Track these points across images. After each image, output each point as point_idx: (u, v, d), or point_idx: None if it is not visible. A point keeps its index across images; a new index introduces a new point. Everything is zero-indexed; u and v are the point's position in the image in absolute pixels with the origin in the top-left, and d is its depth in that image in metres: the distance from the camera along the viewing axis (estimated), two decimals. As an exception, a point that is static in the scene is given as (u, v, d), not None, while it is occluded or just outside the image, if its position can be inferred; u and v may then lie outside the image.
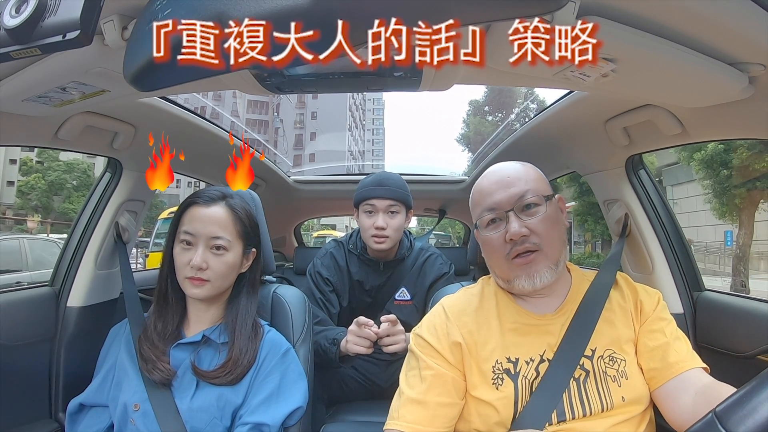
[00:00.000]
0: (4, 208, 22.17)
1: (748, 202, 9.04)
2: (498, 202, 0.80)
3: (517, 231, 0.77)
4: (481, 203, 0.83)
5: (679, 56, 0.67)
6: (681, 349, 0.78)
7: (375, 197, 1.43)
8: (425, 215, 2.87)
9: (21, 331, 1.14)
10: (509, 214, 0.79)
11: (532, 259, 0.78)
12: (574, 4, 0.58)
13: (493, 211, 0.81)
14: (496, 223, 0.81)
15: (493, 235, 0.80)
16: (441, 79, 0.86)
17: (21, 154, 23.80)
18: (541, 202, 0.79)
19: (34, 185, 21.13)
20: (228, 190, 0.96)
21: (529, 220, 0.78)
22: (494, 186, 0.82)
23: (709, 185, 9.35)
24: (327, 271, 1.50)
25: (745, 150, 8.40)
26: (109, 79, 0.79)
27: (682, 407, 0.72)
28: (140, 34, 0.53)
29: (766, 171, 8.42)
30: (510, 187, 0.80)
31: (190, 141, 1.39)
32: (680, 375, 0.75)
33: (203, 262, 0.89)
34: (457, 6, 0.47)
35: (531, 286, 0.78)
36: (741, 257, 9.33)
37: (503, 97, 25.25)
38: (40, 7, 0.51)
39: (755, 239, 9.65)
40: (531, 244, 0.78)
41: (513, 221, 0.78)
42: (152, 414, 0.85)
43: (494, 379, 0.78)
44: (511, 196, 0.79)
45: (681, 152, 9.74)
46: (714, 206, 9.48)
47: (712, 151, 8.71)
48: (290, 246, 2.84)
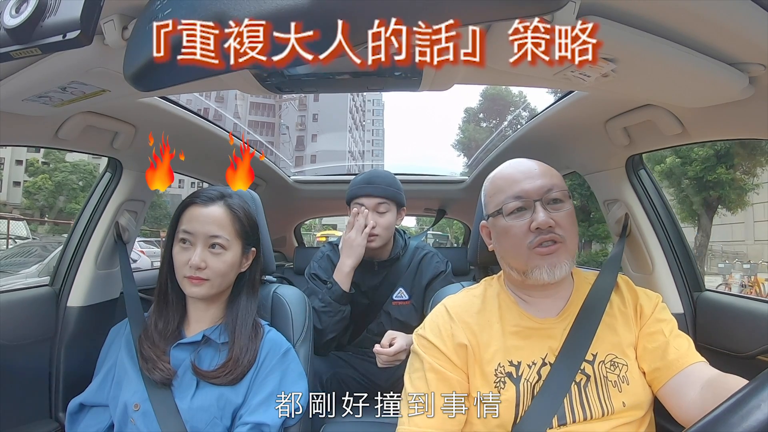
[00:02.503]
0: (11, 208, 22.33)
1: (705, 208, 10.74)
2: (526, 191, 0.80)
3: (545, 220, 0.77)
4: (506, 190, 0.82)
5: (680, 56, 0.67)
6: (681, 346, 0.78)
7: (363, 195, 1.43)
8: (425, 215, 2.87)
9: (21, 330, 1.14)
10: (536, 204, 0.79)
11: (555, 249, 0.78)
12: (574, 4, 0.58)
13: (519, 199, 0.80)
14: (522, 212, 0.80)
15: (517, 223, 0.80)
16: (441, 79, 0.86)
17: (27, 155, 23.98)
18: (565, 198, 0.80)
19: (41, 186, 21.36)
20: (227, 189, 0.96)
21: (555, 213, 0.78)
22: (521, 175, 0.82)
23: (673, 193, 10.72)
24: (324, 273, 1.50)
25: (699, 164, 9.96)
26: (109, 79, 0.79)
27: (689, 402, 0.72)
28: (140, 34, 0.53)
29: (717, 181, 10.16)
30: (538, 178, 0.81)
31: (190, 141, 1.39)
32: (683, 370, 0.75)
33: (202, 262, 0.89)
34: (457, 6, 0.47)
35: (550, 278, 0.78)
36: (698, 257, 10.40)
37: (497, 105, 25.82)
38: (41, 6, 0.50)
39: (712, 240, 11.44)
40: (556, 235, 0.78)
41: (540, 211, 0.78)
42: (152, 414, 0.85)
43: (496, 382, 0.78)
44: (540, 187, 0.80)
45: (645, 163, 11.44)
46: (677, 212, 10.70)
47: (671, 164, 10.22)
48: (290, 246, 2.84)
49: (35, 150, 20.49)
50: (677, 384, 0.74)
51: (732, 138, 0.98)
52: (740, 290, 8.94)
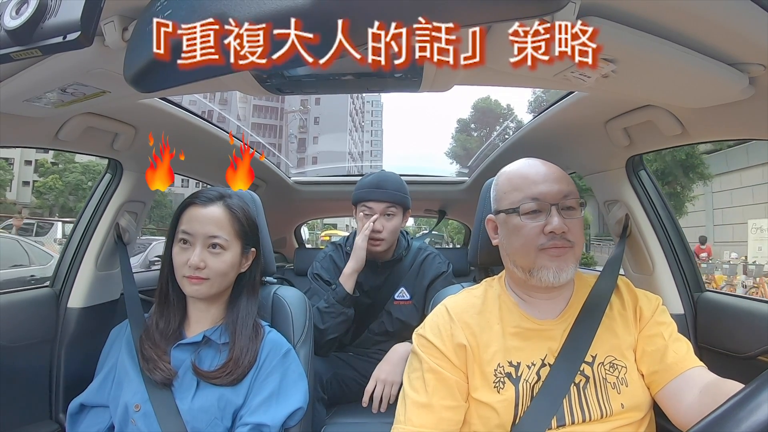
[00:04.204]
0: (20, 207, 22.58)
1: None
2: (544, 194, 0.80)
3: (560, 226, 0.77)
4: (524, 190, 0.82)
5: (680, 57, 0.67)
6: (680, 350, 0.78)
7: (372, 200, 1.44)
8: (425, 216, 2.87)
9: (21, 332, 1.14)
10: (553, 208, 0.79)
11: (564, 253, 0.78)
12: (575, 4, 0.58)
13: (537, 201, 0.80)
14: (537, 213, 0.80)
15: (531, 223, 0.80)
16: (441, 80, 0.85)
17: (37, 155, 24.36)
18: (578, 206, 0.81)
19: (52, 186, 21.67)
20: (226, 190, 0.96)
21: (568, 219, 0.79)
22: (540, 177, 0.82)
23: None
24: (327, 273, 1.51)
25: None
26: (109, 80, 0.79)
27: (687, 406, 0.72)
28: (141, 35, 0.53)
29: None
30: (557, 183, 0.81)
31: (191, 141, 1.39)
32: (682, 375, 0.75)
33: (201, 261, 0.89)
34: (457, 7, 0.47)
35: (555, 280, 0.78)
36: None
37: (487, 117, 28.31)
38: (41, 8, 0.50)
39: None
40: (567, 241, 0.79)
41: (555, 215, 0.78)
42: (153, 414, 0.85)
43: (495, 383, 0.78)
44: (558, 192, 0.80)
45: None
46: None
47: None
48: (291, 247, 2.84)
49: (44, 150, 20.81)
50: (675, 388, 0.75)
51: (732, 138, 0.98)
52: (744, 292, 8.93)
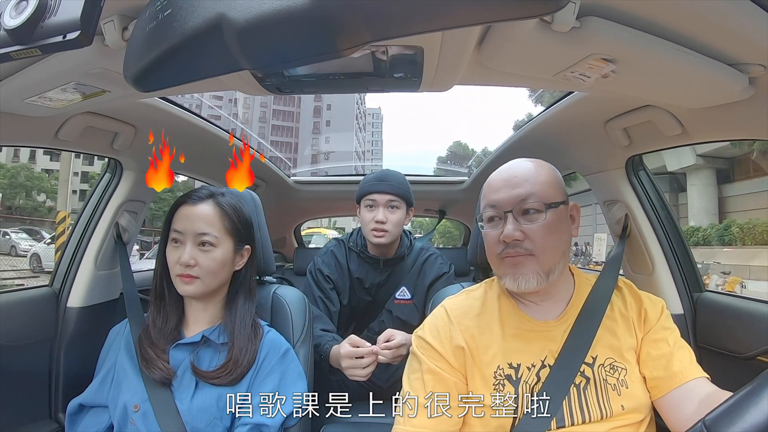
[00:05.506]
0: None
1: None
2: (499, 201, 0.80)
3: (510, 234, 0.77)
4: (487, 196, 0.83)
5: (680, 57, 0.67)
6: (684, 359, 0.78)
7: (376, 192, 1.46)
8: (425, 216, 2.86)
9: (21, 331, 1.13)
10: (507, 215, 0.78)
11: (519, 261, 0.77)
12: (575, 4, 0.58)
13: (493, 208, 0.81)
14: (495, 221, 0.81)
15: (491, 231, 0.81)
16: (441, 80, 0.85)
17: (83, 167, 27.05)
18: (542, 208, 0.78)
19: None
20: (218, 189, 0.97)
21: (527, 225, 0.77)
22: (500, 183, 0.82)
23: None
24: (328, 269, 1.51)
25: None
26: (109, 79, 0.79)
27: (686, 417, 0.72)
28: (140, 34, 0.53)
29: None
30: (515, 187, 0.79)
31: (190, 141, 1.39)
32: (684, 385, 0.75)
33: (191, 259, 0.90)
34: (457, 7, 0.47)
35: (516, 287, 0.78)
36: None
37: (457, 157, 34.35)
38: (41, 7, 0.50)
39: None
40: (523, 249, 0.77)
41: (509, 223, 0.78)
42: (152, 414, 0.85)
43: (495, 384, 0.78)
44: (512, 198, 0.79)
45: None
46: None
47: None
48: (290, 247, 2.84)
49: (89, 163, 24.25)
50: (677, 397, 0.75)
51: (732, 138, 0.98)
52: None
